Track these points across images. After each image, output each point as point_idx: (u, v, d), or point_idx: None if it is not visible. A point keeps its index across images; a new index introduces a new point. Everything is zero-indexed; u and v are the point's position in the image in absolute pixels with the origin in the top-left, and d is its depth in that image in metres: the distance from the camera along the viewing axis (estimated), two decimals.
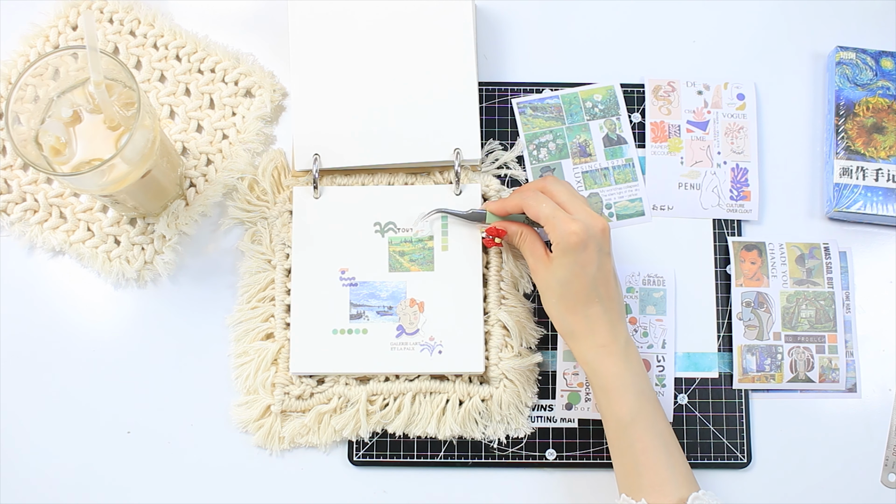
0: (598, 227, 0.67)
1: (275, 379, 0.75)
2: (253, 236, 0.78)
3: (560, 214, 0.67)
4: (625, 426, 0.66)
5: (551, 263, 0.68)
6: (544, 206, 0.68)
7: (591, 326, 0.67)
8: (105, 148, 0.67)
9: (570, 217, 0.66)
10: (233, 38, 0.82)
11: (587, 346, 0.67)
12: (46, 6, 0.81)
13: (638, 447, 0.65)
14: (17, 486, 0.74)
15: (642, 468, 0.65)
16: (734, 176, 0.80)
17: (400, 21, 0.79)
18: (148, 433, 0.75)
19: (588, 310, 0.67)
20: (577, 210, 0.67)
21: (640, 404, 0.66)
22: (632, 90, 0.81)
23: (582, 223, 0.66)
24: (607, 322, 0.67)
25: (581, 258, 0.66)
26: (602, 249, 0.67)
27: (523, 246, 0.71)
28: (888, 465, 0.75)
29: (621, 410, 0.66)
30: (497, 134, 0.80)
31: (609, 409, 0.67)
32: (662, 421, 0.67)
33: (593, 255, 0.66)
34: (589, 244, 0.66)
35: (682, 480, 0.64)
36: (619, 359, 0.67)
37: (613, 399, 0.66)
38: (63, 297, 0.78)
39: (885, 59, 0.81)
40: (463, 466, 0.75)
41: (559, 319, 0.69)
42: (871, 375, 0.77)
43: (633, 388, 0.66)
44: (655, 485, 0.64)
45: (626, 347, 0.67)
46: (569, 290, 0.67)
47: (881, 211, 0.78)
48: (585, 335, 0.67)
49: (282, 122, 0.81)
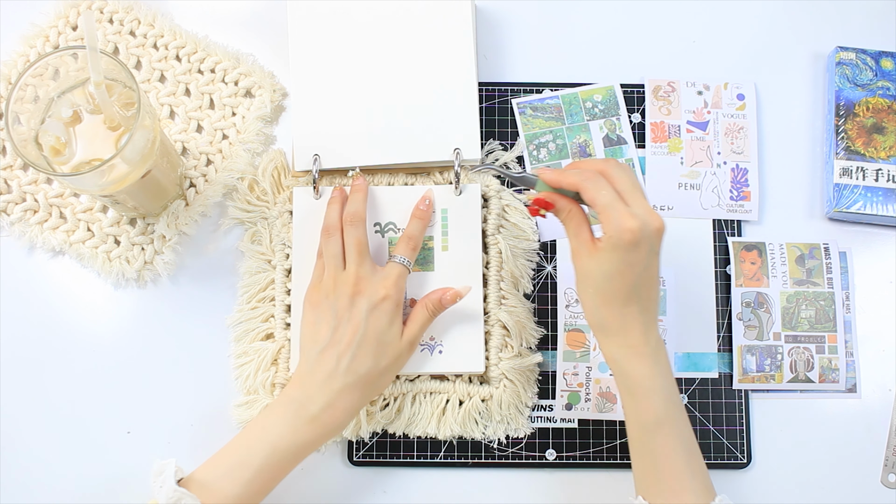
0: (654, 226, 0.61)
1: (275, 379, 0.75)
2: (253, 236, 0.78)
3: (619, 206, 0.61)
4: (649, 430, 0.63)
5: (597, 253, 0.63)
6: (604, 193, 0.62)
7: (624, 325, 0.63)
8: (105, 148, 0.67)
9: (628, 211, 0.61)
10: (233, 38, 0.82)
11: (616, 344, 0.64)
12: (46, 6, 0.81)
13: (660, 452, 0.63)
14: (17, 486, 0.74)
15: (663, 473, 0.63)
16: (734, 176, 0.80)
17: (399, 21, 0.79)
18: (148, 433, 0.75)
19: (625, 308, 0.63)
20: (636, 203, 0.62)
21: (666, 409, 0.63)
22: (632, 90, 0.81)
23: (640, 220, 0.60)
24: (642, 323, 0.63)
25: (630, 257, 0.61)
26: (653, 250, 0.62)
27: (569, 225, 0.65)
28: (888, 465, 0.75)
29: (647, 414, 0.63)
30: (497, 134, 0.80)
31: (634, 411, 0.64)
32: (687, 427, 0.64)
33: (643, 256, 0.61)
34: (642, 244, 0.61)
35: (701, 488, 0.63)
36: (648, 360, 0.63)
37: (640, 402, 0.63)
38: (63, 297, 0.78)
39: (885, 59, 0.81)
40: (463, 466, 0.75)
41: (592, 311, 0.65)
42: (871, 375, 0.77)
43: (662, 391, 0.63)
44: (675, 491, 0.62)
45: (656, 349, 0.64)
46: (610, 286, 0.63)
47: (881, 211, 0.78)
48: (616, 332, 0.64)
49: (282, 122, 0.81)
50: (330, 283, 0.70)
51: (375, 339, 0.68)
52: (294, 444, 0.65)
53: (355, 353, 0.67)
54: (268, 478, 0.65)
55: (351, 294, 0.68)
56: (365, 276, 0.69)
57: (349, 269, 0.70)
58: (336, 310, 0.68)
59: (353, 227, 0.71)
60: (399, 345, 0.70)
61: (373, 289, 0.69)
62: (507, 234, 0.77)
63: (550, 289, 0.78)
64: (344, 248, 0.71)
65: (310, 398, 0.66)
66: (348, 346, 0.67)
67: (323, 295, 0.69)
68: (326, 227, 0.72)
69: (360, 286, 0.69)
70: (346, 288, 0.69)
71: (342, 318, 0.68)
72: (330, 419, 0.66)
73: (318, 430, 0.66)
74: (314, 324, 0.69)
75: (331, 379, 0.66)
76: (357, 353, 0.67)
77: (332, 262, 0.71)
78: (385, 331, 0.68)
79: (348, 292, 0.68)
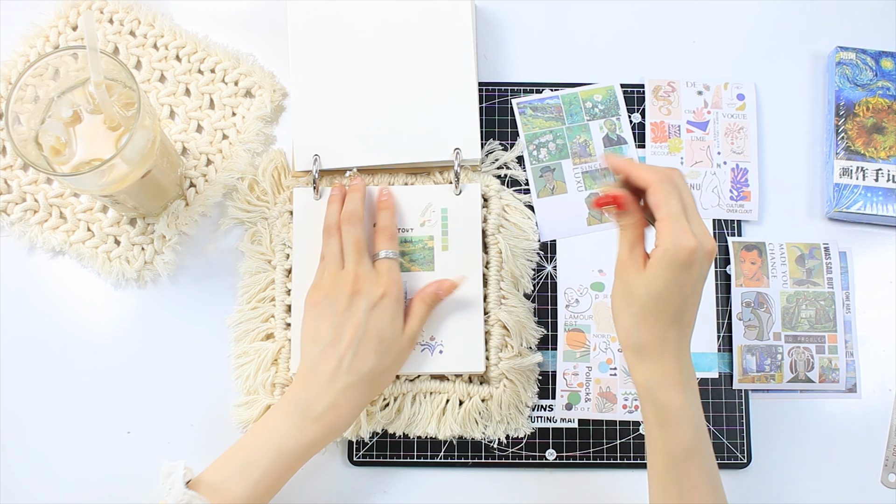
0: (708, 248, 0.59)
1: (275, 379, 0.75)
2: (253, 236, 0.78)
3: (683, 221, 0.59)
4: (678, 461, 0.61)
5: (646, 270, 0.60)
6: (674, 203, 0.59)
7: (662, 349, 0.61)
8: (105, 148, 0.67)
9: (689, 228, 0.59)
10: (233, 38, 0.82)
11: (651, 370, 0.61)
12: (46, 6, 0.81)
13: (687, 485, 0.60)
14: (17, 486, 0.74)
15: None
16: (734, 176, 0.80)
17: (399, 21, 0.79)
18: (148, 433, 0.75)
19: (667, 332, 0.60)
20: (696, 222, 0.60)
21: (696, 440, 0.61)
22: (632, 90, 0.81)
23: (698, 241, 0.58)
24: (678, 348, 0.61)
25: (682, 277, 0.59)
26: (702, 274, 0.60)
27: (627, 236, 0.62)
28: (888, 465, 0.75)
29: (677, 445, 0.61)
30: (497, 134, 0.80)
31: (663, 440, 0.61)
32: (713, 459, 0.62)
33: (694, 278, 0.59)
34: (694, 265, 0.59)
35: None
36: (681, 389, 0.61)
37: (670, 432, 0.61)
38: (63, 297, 0.78)
39: (885, 59, 0.81)
40: (463, 466, 0.75)
41: (630, 332, 0.61)
42: (871, 375, 0.77)
43: (692, 422, 0.61)
44: None
45: (689, 377, 0.62)
46: (655, 306, 0.60)
47: (881, 211, 0.78)
48: (653, 357, 0.61)
49: (282, 122, 0.81)
50: (329, 283, 0.70)
51: (377, 337, 0.68)
52: (300, 444, 0.65)
53: (357, 351, 0.67)
54: (275, 478, 0.65)
55: (350, 293, 0.68)
56: (363, 275, 0.69)
57: (348, 268, 0.70)
58: (336, 308, 0.68)
59: (350, 226, 0.71)
60: (401, 341, 0.70)
61: (371, 286, 0.69)
62: (507, 234, 0.77)
63: (550, 289, 0.78)
64: (342, 247, 0.71)
65: (314, 398, 0.66)
66: (349, 345, 0.67)
67: (322, 294, 0.69)
68: (327, 227, 0.73)
69: (358, 284, 0.69)
70: (344, 287, 0.69)
71: (342, 317, 0.68)
72: (335, 418, 0.66)
73: (323, 429, 0.66)
74: (314, 323, 0.69)
75: (334, 378, 0.66)
76: (359, 351, 0.67)
77: (331, 261, 0.71)
78: (386, 328, 0.68)
79: (347, 291, 0.68)
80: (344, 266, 0.70)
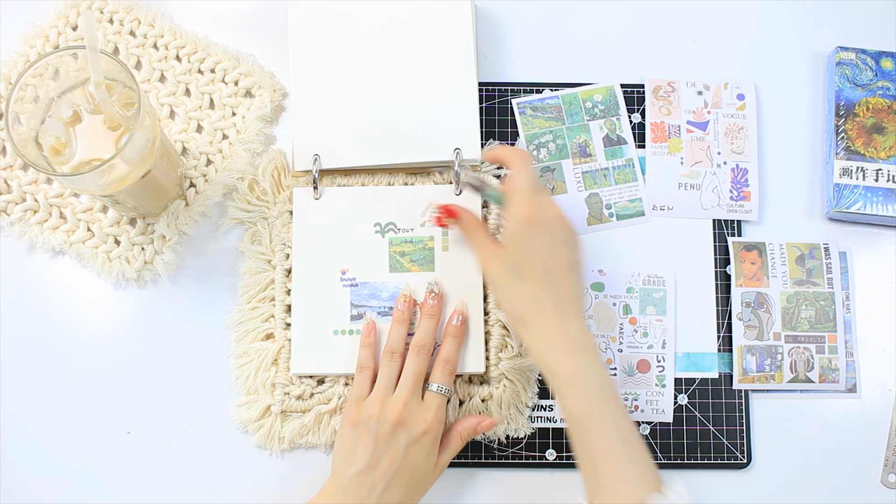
0: (550, 212, 0.66)
1: (275, 379, 0.75)
2: (253, 236, 0.78)
3: (528, 193, 0.66)
4: (580, 425, 0.62)
5: (502, 248, 0.67)
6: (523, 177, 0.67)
7: (542, 316, 0.64)
8: (105, 148, 0.67)
9: (530, 198, 0.66)
10: (233, 38, 0.82)
11: (536, 339, 0.64)
12: (46, 6, 0.81)
13: (595, 447, 0.62)
14: (17, 486, 0.74)
15: (600, 470, 0.61)
16: (734, 176, 0.80)
17: (399, 21, 0.79)
18: (148, 433, 0.75)
19: (540, 298, 0.64)
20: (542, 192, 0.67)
21: (595, 403, 0.62)
22: (632, 90, 0.81)
23: (538, 207, 0.65)
24: (559, 314, 0.64)
25: (532, 242, 0.65)
26: (556, 237, 0.65)
27: (473, 231, 0.70)
28: (888, 465, 0.75)
29: (576, 410, 0.62)
30: (497, 134, 0.80)
31: (564, 407, 0.63)
32: (623, 419, 0.63)
33: (546, 241, 0.65)
34: (541, 228, 0.65)
35: (642, 481, 0.60)
36: (570, 354, 0.63)
37: (567, 397, 0.63)
38: (63, 297, 0.78)
39: (885, 59, 0.81)
40: (463, 466, 0.75)
41: (509, 305, 0.66)
42: (871, 375, 0.77)
43: (588, 386, 0.63)
44: (613, 486, 0.61)
45: (579, 342, 0.64)
46: (519, 273, 0.65)
47: (881, 211, 0.78)
48: (535, 325, 0.64)
49: (282, 122, 0.81)
50: (376, 407, 0.68)
51: (410, 472, 0.67)
52: None
53: (388, 484, 0.66)
54: None
55: (394, 423, 0.67)
56: (413, 407, 0.68)
57: (399, 396, 0.69)
58: (376, 436, 0.67)
59: (419, 357, 0.71)
60: (432, 475, 0.70)
61: (414, 421, 0.68)
62: None
63: None
64: (400, 372, 0.71)
65: None
66: (382, 477, 0.66)
67: (365, 416, 0.68)
68: (390, 350, 0.71)
69: (403, 415, 0.68)
70: (390, 415, 0.68)
71: (381, 447, 0.67)
72: None
73: None
74: (352, 442, 0.68)
75: None
76: (390, 485, 0.67)
77: (384, 384, 0.70)
78: (420, 464, 0.68)
79: (392, 420, 0.67)
80: (395, 391, 0.69)
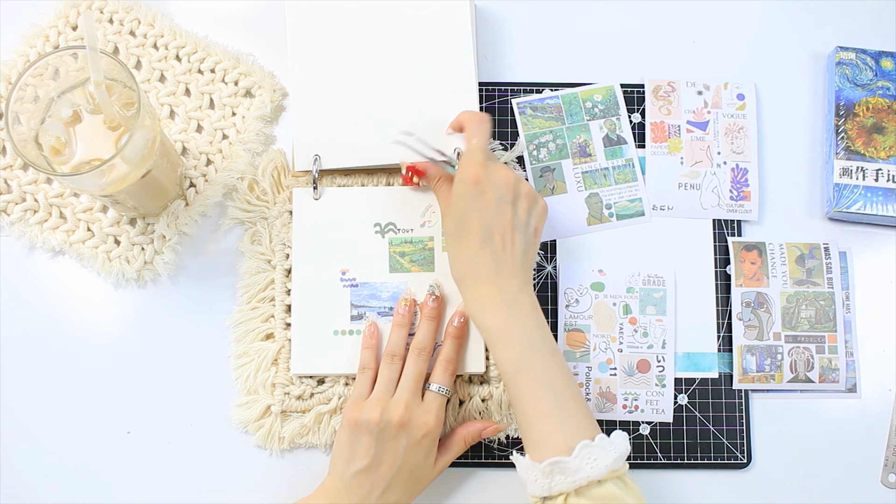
0: (501, 176, 0.67)
1: (275, 379, 0.75)
2: (253, 237, 0.78)
3: (478, 155, 0.68)
4: (511, 377, 0.64)
5: (452, 200, 0.68)
6: (476, 140, 0.69)
7: (477, 274, 0.66)
8: (105, 148, 0.67)
9: (480, 160, 0.68)
10: (233, 38, 0.82)
11: (471, 297, 0.67)
12: (46, 6, 0.81)
13: (526, 399, 0.63)
14: (17, 486, 0.74)
15: (532, 420, 0.63)
16: (734, 176, 0.80)
17: (399, 21, 0.79)
18: (148, 433, 0.75)
19: (478, 256, 0.66)
20: (492, 158, 0.69)
21: (525, 355, 0.64)
22: (632, 90, 0.81)
23: (486, 167, 0.67)
24: (494, 273, 0.66)
25: (476, 202, 0.66)
26: (503, 199, 0.67)
27: (438, 191, 0.73)
28: (888, 465, 0.75)
29: (506, 362, 0.64)
30: (497, 134, 0.80)
31: (497, 361, 0.66)
32: (556, 370, 0.64)
33: (492, 203, 0.66)
34: (486, 189, 0.67)
35: (574, 429, 0.62)
36: (502, 310, 0.65)
37: (497, 352, 0.65)
38: (63, 297, 0.78)
39: (885, 59, 0.81)
40: (463, 466, 0.75)
41: (452, 264, 0.69)
42: (871, 375, 0.77)
43: (518, 339, 0.64)
44: (544, 436, 0.62)
45: (514, 299, 0.66)
46: (461, 232, 0.67)
47: (881, 211, 0.78)
48: (470, 282, 0.67)
49: (282, 122, 0.81)
50: (377, 408, 0.68)
51: (409, 473, 0.68)
52: None
53: (389, 483, 0.67)
54: None
55: (396, 424, 0.67)
56: (413, 409, 0.69)
57: (399, 397, 0.69)
58: (377, 437, 0.67)
59: (419, 359, 0.71)
60: (430, 474, 0.70)
61: (415, 423, 0.68)
62: None
63: (550, 289, 0.77)
64: (401, 373, 0.71)
65: None
66: (383, 477, 0.67)
67: (366, 417, 0.68)
68: (391, 353, 0.72)
69: (405, 418, 0.68)
70: (393, 416, 0.68)
71: (382, 447, 0.67)
72: None
73: None
74: (351, 441, 0.68)
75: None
76: (390, 484, 0.67)
77: (385, 385, 0.70)
78: (419, 464, 0.68)
79: (394, 422, 0.67)
80: (395, 393, 0.70)
